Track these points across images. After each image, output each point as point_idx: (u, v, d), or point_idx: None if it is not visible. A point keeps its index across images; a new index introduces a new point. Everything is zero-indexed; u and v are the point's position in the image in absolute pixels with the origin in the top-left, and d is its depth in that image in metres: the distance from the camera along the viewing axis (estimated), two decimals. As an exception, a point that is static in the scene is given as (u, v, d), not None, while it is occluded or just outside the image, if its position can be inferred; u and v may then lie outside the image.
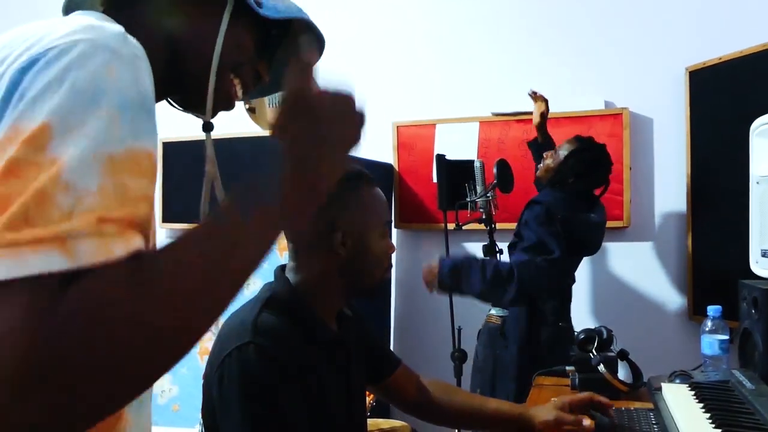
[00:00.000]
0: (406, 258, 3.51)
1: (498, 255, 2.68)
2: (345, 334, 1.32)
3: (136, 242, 0.53)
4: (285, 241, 1.32)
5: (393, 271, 3.36)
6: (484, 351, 2.56)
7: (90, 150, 0.52)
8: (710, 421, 1.22)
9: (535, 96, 2.86)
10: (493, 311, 2.60)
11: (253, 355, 1.09)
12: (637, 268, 3.16)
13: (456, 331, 2.70)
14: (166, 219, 3.88)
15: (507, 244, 2.56)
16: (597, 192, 2.59)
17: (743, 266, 1.83)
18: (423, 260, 3.43)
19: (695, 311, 3.00)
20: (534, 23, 3.34)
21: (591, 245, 2.52)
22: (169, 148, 3.93)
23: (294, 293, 1.24)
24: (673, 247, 3.10)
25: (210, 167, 0.82)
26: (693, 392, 1.42)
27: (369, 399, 2.42)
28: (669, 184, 3.09)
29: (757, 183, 1.69)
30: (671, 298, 3.09)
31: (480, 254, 2.82)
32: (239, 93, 0.85)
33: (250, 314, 1.17)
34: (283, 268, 1.30)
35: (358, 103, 0.73)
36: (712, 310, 1.72)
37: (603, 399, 1.46)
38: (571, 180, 2.47)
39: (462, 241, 3.37)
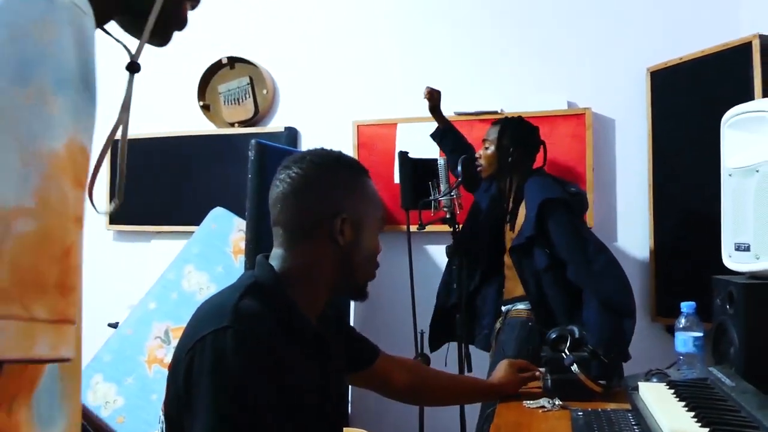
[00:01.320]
0: (366, 261, 3.41)
1: (462, 259, 2.59)
2: (325, 331, 1.23)
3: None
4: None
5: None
6: (519, 346, 2.47)
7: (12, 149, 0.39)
8: (696, 419, 1.15)
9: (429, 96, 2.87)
10: (520, 305, 2.56)
11: (231, 341, 0.99)
12: (600, 269, 3.12)
13: (419, 335, 2.60)
14: (113, 221, 3.70)
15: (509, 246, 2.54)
16: (540, 160, 2.67)
17: (708, 265, 1.79)
18: (384, 263, 3.35)
19: (658, 312, 2.98)
20: (497, 23, 3.29)
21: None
22: (116, 145, 3.75)
23: (278, 281, 1.15)
24: (636, 248, 3.08)
25: (123, 114, 0.69)
26: (672, 391, 1.36)
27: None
28: (631, 184, 3.08)
29: (730, 175, 1.65)
30: (635, 299, 3.06)
31: (443, 256, 2.75)
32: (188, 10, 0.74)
33: (231, 298, 1.07)
34: (266, 256, 1.20)
35: None
36: (686, 306, 1.67)
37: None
38: (518, 151, 2.57)
39: (425, 243, 3.29)
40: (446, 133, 2.88)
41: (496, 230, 2.71)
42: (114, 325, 3.20)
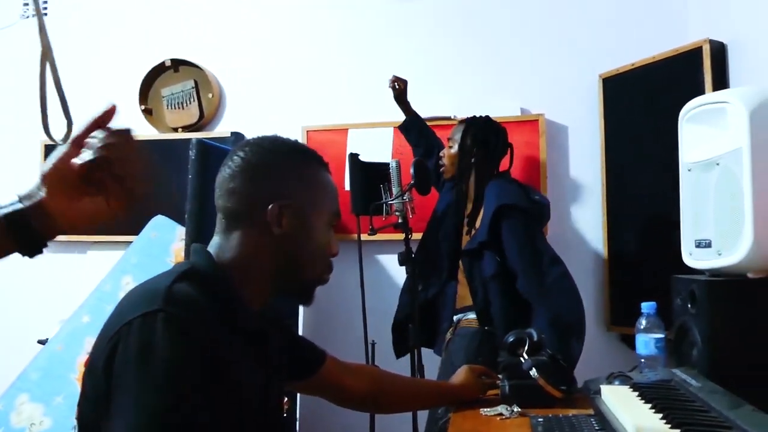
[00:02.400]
0: (316, 271, 3.28)
1: (415, 266, 2.48)
2: (268, 330, 1.12)
3: None
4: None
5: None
6: (467, 358, 2.30)
7: None
8: (665, 421, 1.07)
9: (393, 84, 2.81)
10: (471, 315, 2.45)
11: (161, 325, 0.86)
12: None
13: (370, 346, 2.49)
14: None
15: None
16: (506, 164, 2.61)
17: (665, 271, 1.73)
18: (335, 273, 3.22)
19: (614, 321, 2.94)
20: (449, 29, 3.25)
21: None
22: (51, 150, 3.55)
23: (217, 269, 1.03)
24: (590, 256, 3.04)
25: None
26: (636, 393, 1.27)
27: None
28: (585, 191, 3.05)
29: (689, 170, 1.60)
30: (589, 308, 2.99)
31: (395, 265, 2.65)
32: None
33: (164, 281, 0.94)
34: (204, 246, 1.09)
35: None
36: (647, 306, 1.60)
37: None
38: (481, 152, 2.50)
39: (376, 252, 3.18)
40: (411, 125, 2.80)
41: (456, 234, 2.62)
42: (44, 342, 2.98)
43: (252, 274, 1.06)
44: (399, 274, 3.08)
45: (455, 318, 2.56)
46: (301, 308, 3.13)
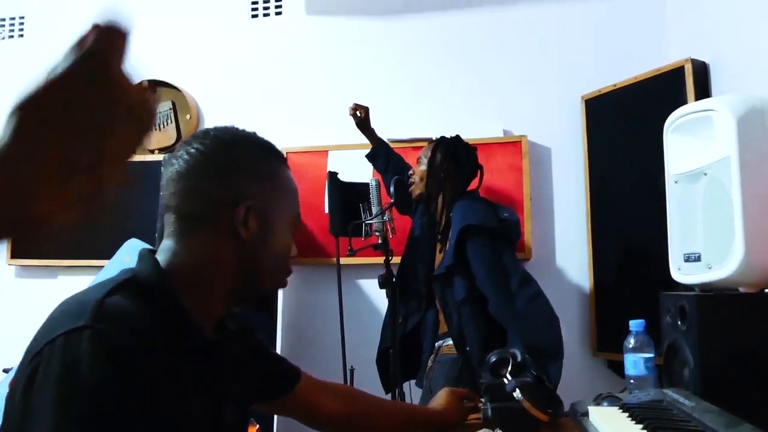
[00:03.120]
0: (294, 295, 3.18)
1: (396, 288, 2.40)
2: (224, 346, 1.00)
3: None
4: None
5: (279, 308, 3.03)
6: (447, 386, 2.20)
7: None
8: (658, 441, 0.99)
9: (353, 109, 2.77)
10: (450, 341, 2.34)
11: (87, 343, 0.75)
12: (539, 302, 2.99)
13: (349, 372, 2.39)
14: (15, 255, 3.36)
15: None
16: (475, 183, 2.53)
17: (652, 294, 1.67)
18: (314, 298, 3.14)
19: (600, 347, 2.86)
20: (430, 50, 3.22)
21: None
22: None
23: (163, 278, 0.92)
24: (575, 279, 2.98)
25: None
26: (627, 414, 1.19)
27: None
28: (570, 213, 3.00)
29: (676, 182, 1.54)
30: (575, 333, 2.94)
31: (376, 288, 2.57)
32: None
33: (95, 294, 0.83)
34: (152, 251, 0.97)
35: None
36: (635, 324, 1.53)
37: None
38: (451, 168, 2.44)
39: (356, 276, 3.09)
40: (378, 152, 2.74)
41: (431, 258, 2.54)
42: (8, 371, 2.84)
43: (209, 283, 0.96)
44: (379, 299, 3.00)
45: (436, 344, 2.47)
46: (278, 333, 3.03)
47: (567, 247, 3.00)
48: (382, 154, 2.74)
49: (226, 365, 1.00)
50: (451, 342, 2.37)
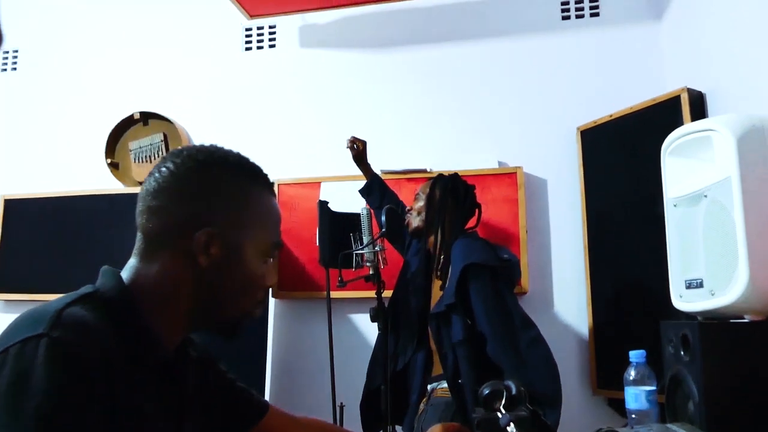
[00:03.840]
0: (284, 330, 3.09)
1: (388, 319, 2.32)
2: (184, 370, 0.96)
3: None
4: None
5: (269, 343, 2.93)
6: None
7: None
8: (663, 477, 0.91)
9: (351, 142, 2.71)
10: (445, 384, 2.25)
11: (42, 351, 0.72)
12: (537, 337, 2.91)
13: (338, 409, 2.29)
14: (2, 288, 3.28)
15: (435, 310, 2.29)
16: (473, 221, 2.49)
17: (653, 329, 1.60)
18: (303, 332, 3.05)
19: (600, 384, 2.76)
20: (424, 81, 3.20)
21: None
22: (11, 205, 3.40)
23: (124, 293, 0.88)
24: (573, 315, 2.89)
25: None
26: (629, 448, 1.11)
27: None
28: (567, 246, 2.93)
29: (675, 206, 1.49)
30: (573, 370, 2.85)
31: (367, 322, 2.49)
32: None
33: (54, 305, 0.79)
34: (116, 269, 0.93)
35: None
36: (635, 355, 1.44)
37: None
38: (449, 204, 2.39)
39: (348, 311, 3.01)
40: (372, 187, 2.68)
41: (425, 297, 2.47)
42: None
43: (167, 303, 0.91)
44: (371, 334, 2.92)
45: (429, 387, 2.38)
46: (268, 366, 2.93)
47: (564, 281, 2.92)
48: (376, 189, 2.69)
49: (187, 389, 0.95)
50: (445, 384, 2.28)
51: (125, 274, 0.91)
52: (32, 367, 0.70)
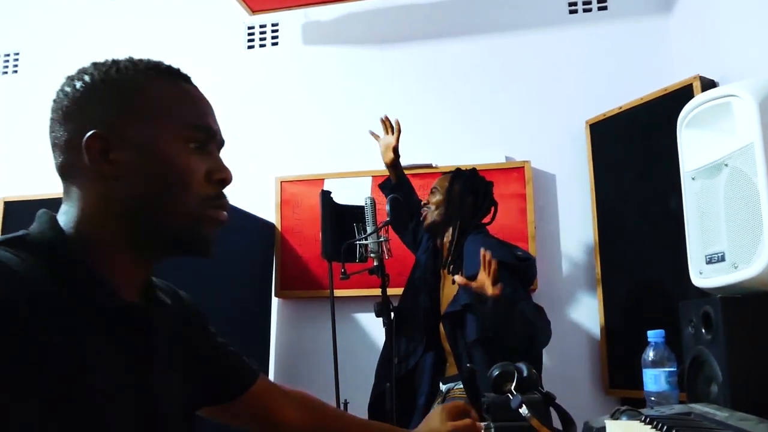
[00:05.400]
0: (287, 329, 3.02)
1: (392, 314, 2.25)
2: (149, 313, 0.84)
3: None
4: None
5: (272, 343, 2.86)
6: None
7: None
8: (691, 447, 0.83)
9: (386, 123, 2.54)
10: (461, 384, 2.17)
11: None
12: (546, 336, 2.82)
13: (342, 406, 2.20)
14: None
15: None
16: (487, 219, 2.41)
17: (666, 323, 1.53)
18: (307, 332, 2.98)
19: (611, 385, 2.67)
20: (431, 77, 3.15)
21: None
22: (11, 207, 3.35)
23: (60, 236, 0.78)
24: (584, 313, 2.81)
25: None
26: (651, 425, 1.03)
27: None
28: (576, 241, 2.86)
29: (693, 179, 1.42)
30: (585, 370, 2.76)
31: (371, 321, 2.42)
32: None
33: None
34: (51, 213, 0.82)
35: None
36: (654, 335, 1.37)
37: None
38: (469, 201, 2.33)
39: (352, 309, 2.93)
40: (400, 189, 2.53)
41: (434, 293, 2.39)
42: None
43: (104, 240, 0.79)
44: (375, 331, 2.84)
45: (444, 388, 2.30)
46: (271, 363, 2.86)
47: (574, 277, 2.84)
48: (407, 188, 2.57)
49: (153, 338, 0.83)
50: (462, 385, 2.20)
51: (61, 219, 0.81)
52: None
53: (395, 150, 2.48)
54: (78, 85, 0.82)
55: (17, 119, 3.62)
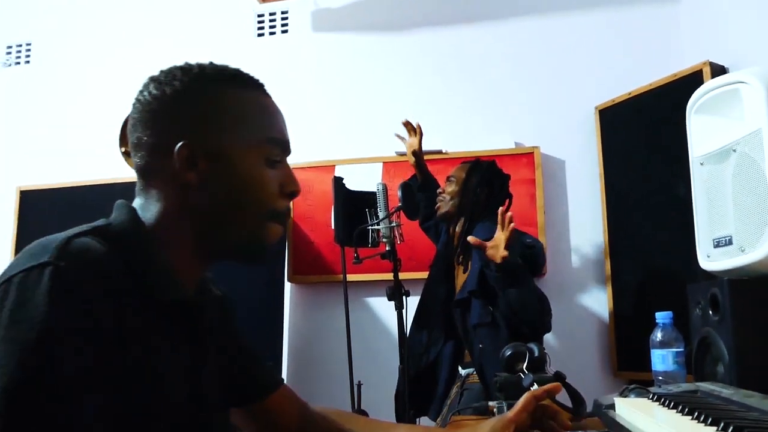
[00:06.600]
0: (300, 314, 3.07)
1: (405, 298, 2.30)
2: (205, 307, 0.90)
3: None
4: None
5: (285, 328, 2.91)
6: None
7: None
8: (697, 420, 0.87)
9: (408, 126, 2.60)
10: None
11: (45, 280, 0.67)
12: (555, 319, 2.85)
13: (356, 387, 2.25)
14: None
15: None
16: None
17: (673, 306, 1.55)
18: (320, 316, 3.03)
19: (620, 367, 2.71)
20: (440, 62, 3.17)
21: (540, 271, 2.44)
22: (27, 196, 3.41)
23: (139, 227, 0.83)
24: (593, 297, 2.84)
25: None
26: (658, 402, 1.07)
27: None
28: (585, 227, 2.89)
29: (701, 164, 1.44)
30: (593, 353, 2.80)
31: (384, 305, 2.46)
32: None
33: (64, 234, 0.75)
34: (129, 204, 0.87)
35: None
36: (662, 316, 1.40)
37: (546, 388, 1.04)
38: (483, 194, 2.32)
39: (365, 294, 2.98)
40: (427, 188, 2.57)
41: (450, 282, 2.43)
42: None
43: (175, 238, 0.85)
44: (387, 315, 2.89)
45: (463, 372, 2.34)
46: (285, 346, 2.91)
47: (583, 262, 2.88)
48: (432, 187, 2.58)
49: (206, 330, 0.89)
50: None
51: (139, 212, 0.86)
52: (33, 294, 0.67)
53: (418, 152, 2.54)
54: (168, 90, 0.85)
55: (31, 109, 3.66)
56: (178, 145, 0.83)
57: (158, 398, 0.76)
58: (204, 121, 0.85)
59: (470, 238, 2.10)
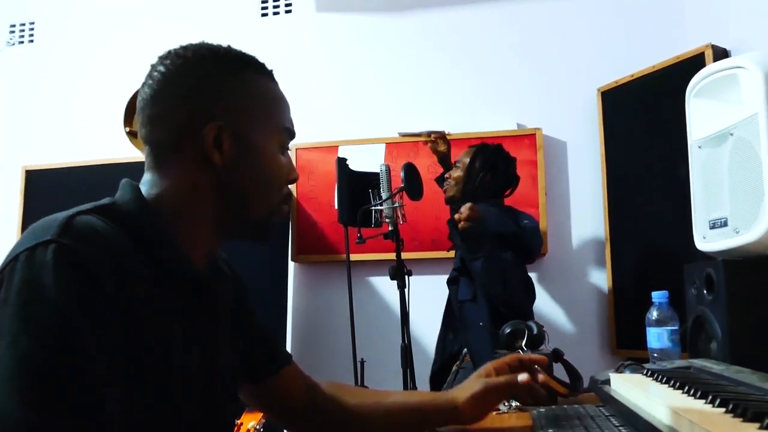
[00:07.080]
0: (304, 293, 3.12)
1: (407, 277, 2.34)
2: (217, 284, 0.91)
3: None
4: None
5: (288, 306, 2.96)
6: None
7: None
8: (687, 394, 0.91)
9: (437, 141, 2.68)
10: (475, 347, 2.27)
11: (51, 258, 0.68)
12: (555, 299, 2.91)
13: (359, 364, 2.31)
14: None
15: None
16: (507, 192, 2.51)
17: (672, 285, 1.59)
18: (323, 295, 3.08)
19: (619, 345, 2.76)
20: (443, 43, 3.18)
21: (536, 252, 2.46)
22: (32, 176, 3.44)
23: (145, 207, 0.83)
24: (593, 277, 2.88)
25: None
26: (652, 377, 1.11)
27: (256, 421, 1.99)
28: (586, 208, 2.92)
29: (699, 147, 1.47)
30: (592, 331, 2.85)
31: (387, 284, 2.50)
32: None
33: (66, 212, 0.76)
34: (134, 182, 0.88)
35: None
36: (658, 296, 1.44)
37: (533, 357, 1.14)
38: (487, 178, 2.37)
39: (368, 273, 3.02)
40: None
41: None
42: None
43: (190, 215, 0.86)
44: (390, 295, 2.93)
45: (463, 351, 2.39)
46: (288, 325, 2.96)
47: (584, 243, 2.91)
48: None
49: (219, 309, 0.91)
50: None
51: (143, 188, 0.86)
52: (40, 272, 0.67)
53: (448, 159, 2.64)
54: (198, 70, 0.86)
55: (35, 88, 3.68)
56: (208, 125, 0.84)
57: (171, 372, 0.78)
58: (235, 104, 0.87)
59: (456, 216, 2.16)
